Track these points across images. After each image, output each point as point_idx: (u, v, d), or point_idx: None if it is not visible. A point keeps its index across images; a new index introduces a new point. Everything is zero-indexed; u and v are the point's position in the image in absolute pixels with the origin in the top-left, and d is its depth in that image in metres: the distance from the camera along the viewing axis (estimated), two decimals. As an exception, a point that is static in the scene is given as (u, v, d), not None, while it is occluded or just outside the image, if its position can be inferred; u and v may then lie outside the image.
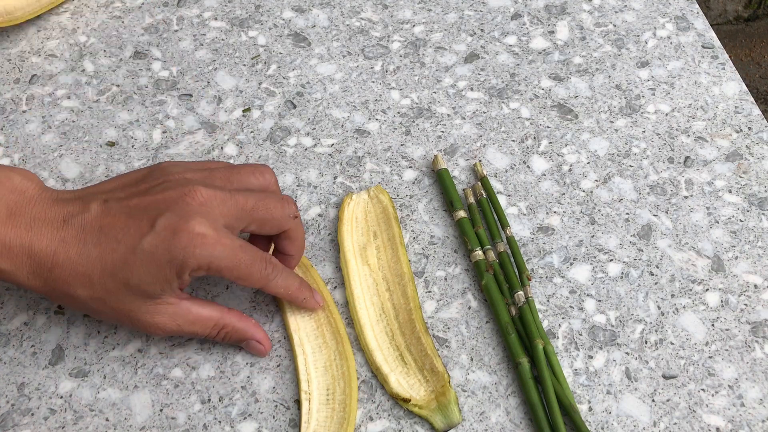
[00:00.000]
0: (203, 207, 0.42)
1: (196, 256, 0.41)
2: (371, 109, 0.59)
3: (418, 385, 0.46)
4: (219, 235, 0.42)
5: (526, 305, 0.47)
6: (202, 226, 0.42)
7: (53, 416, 0.46)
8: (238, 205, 0.44)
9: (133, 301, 0.43)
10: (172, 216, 0.42)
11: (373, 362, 0.46)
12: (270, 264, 0.45)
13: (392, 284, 0.50)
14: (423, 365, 0.46)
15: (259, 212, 0.44)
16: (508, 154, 0.56)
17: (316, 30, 0.64)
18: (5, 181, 0.44)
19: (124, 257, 0.42)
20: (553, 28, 0.64)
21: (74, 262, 0.42)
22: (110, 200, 0.44)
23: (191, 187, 0.43)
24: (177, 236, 0.41)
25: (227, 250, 0.42)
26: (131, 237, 0.42)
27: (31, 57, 0.62)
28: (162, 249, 0.41)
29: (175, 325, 0.44)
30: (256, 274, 0.44)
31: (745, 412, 0.45)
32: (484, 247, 0.50)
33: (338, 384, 0.46)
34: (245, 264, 0.43)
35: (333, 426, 0.44)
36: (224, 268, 0.42)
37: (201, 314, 0.45)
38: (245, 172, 0.46)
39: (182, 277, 0.42)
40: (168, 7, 0.66)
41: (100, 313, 0.44)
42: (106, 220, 0.43)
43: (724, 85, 0.60)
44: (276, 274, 0.45)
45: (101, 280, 0.42)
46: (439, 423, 0.44)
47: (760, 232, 0.52)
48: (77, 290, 0.43)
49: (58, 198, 0.45)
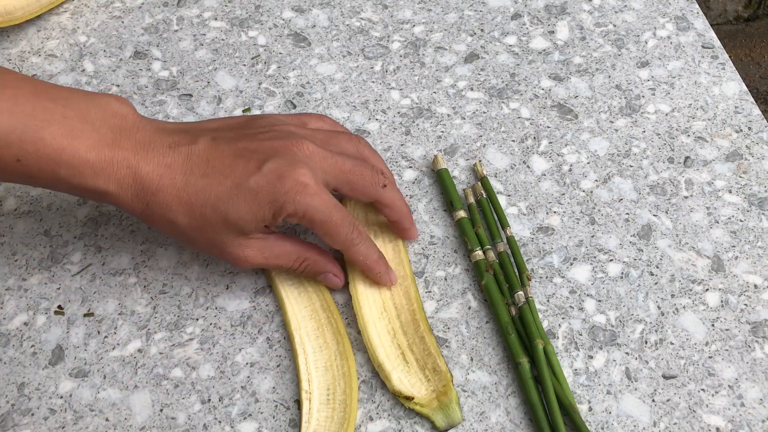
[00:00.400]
0: (309, 159, 0.45)
1: (297, 202, 0.44)
2: (371, 109, 0.59)
3: (419, 384, 0.46)
4: (319, 189, 0.45)
5: (526, 305, 0.47)
6: (305, 176, 0.44)
7: (53, 416, 0.46)
8: (337, 164, 0.46)
9: (227, 235, 0.45)
10: (279, 161, 0.44)
11: (375, 359, 0.46)
12: (357, 229, 0.47)
13: (396, 284, 0.50)
14: (425, 364, 0.46)
15: (354, 175, 0.47)
16: (508, 154, 0.56)
17: (316, 30, 0.64)
18: (105, 105, 0.45)
19: (229, 192, 0.44)
20: (553, 28, 0.64)
21: (179, 188, 0.44)
22: (218, 138, 0.46)
23: (299, 140, 0.46)
24: (282, 180, 0.43)
25: (324, 204, 0.45)
26: (238, 174, 0.44)
27: (31, 57, 0.62)
28: (266, 190, 0.43)
29: (262, 258, 0.46)
30: (342, 234, 0.46)
31: (745, 412, 0.45)
32: (484, 247, 0.50)
33: (339, 384, 0.46)
34: (336, 222, 0.45)
35: (333, 426, 0.44)
36: (317, 220, 0.45)
37: (285, 248, 0.47)
38: (343, 138, 0.49)
39: (276, 219, 0.44)
40: (168, 7, 0.66)
41: (195, 242, 0.46)
42: (214, 154, 0.45)
43: (724, 85, 0.60)
44: (360, 241, 0.47)
45: (202, 210, 0.44)
46: (440, 422, 0.44)
47: (760, 232, 0.52)
48: (178, 217, 0.44)
49: (160, 127, 0.46)
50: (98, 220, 0.53)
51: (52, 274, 0.51)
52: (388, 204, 0.49)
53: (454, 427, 0.45)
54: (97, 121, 0.44)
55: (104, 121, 0.44)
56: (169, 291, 0.50)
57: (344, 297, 0.50)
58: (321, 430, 0.44)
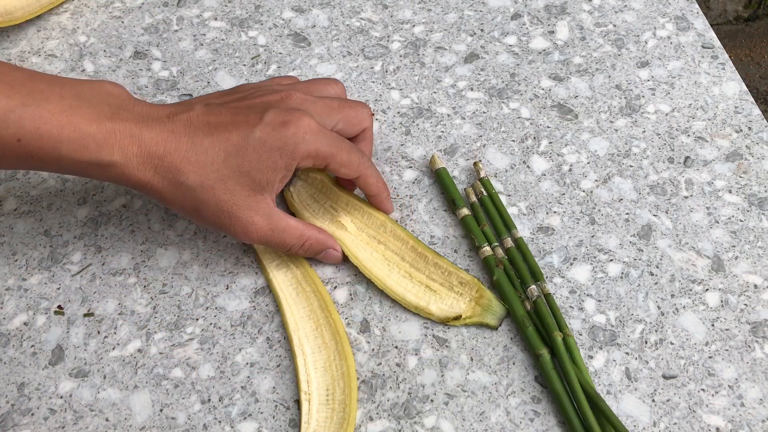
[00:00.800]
0: (302, 105, 0.47)
1: (307, 141, 0.45)
2: (371, 109, 0.59)
3: (457, 302, 0.49)
4: (320, 126, 0.46)
5: (541, 299, 0.48)
6: (306, 118, 0.45)
7: (53, 416, 0.46)
8: (326, 104, 0.48)
9: (238, 192, 0.45)
10: (278, 110, 0.46)
11: (409, 304, 0.49)
12: (363, 155, 0.49)
13: (380, 236, 0.51)
14: (451, 284, 0.49)
15: (344, 109, 0.49)
16: (508, 154, 0.56)
17: (316, 30, 0.64)
18: (99, 87, 0.46)
19: (237, 144, 0.44)
20: (553, 28, 0.64)
21: (186, 149, 0.44)
22: (211, 104, 0.47)
23: (287, 91, 0.47)
24: (286, 126, 0.45)
25: (330, 138, 0.46)
26: (242, 128, 0.45)
27: (31, 57, 0.62)
28: (273, 137, 0.44)
29: (268, 228, 0.47)
30: (355, 160, 0.48)
31: (745, 412, 0.45)
32: (492, 244, 0.51)
33: (338, 384, 0.46)
34: (346, 151, 0.47)
35: (333, 426, 0.44)
36: (329, 154, 0.46)
37: (289, 223, 0.48)
38: (320, 83, 0.52)
39: (290, 167, 0.45)
40: (168, 7, 0.66)
41: (204, 205, 0.45)
42: (212, 117, 0.46)
43: (724, 85, 0.60)
44: (369, 164, 0.49)
45: (214, 166, 0.44)
46: (492, 321, 0.48)
47: (760, 232, 0.52)
48: (189, 177, 0.44)
49: (154, 104, 0.48)
50: (98, 220, 0.53)
51: (52, 274, 0.51)
52: (368, 136, 0.52)
53: (505, 318, 0.48)
54: (93, 99, 0.45)
55: (100, 99, 0.45)
56: (169, 291, 0.50)
57: (345, 296, 0.50)
58: (321, 430, 0.44)
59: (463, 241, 0.52)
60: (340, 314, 0.49)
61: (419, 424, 0.45)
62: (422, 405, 0.46)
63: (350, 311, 0.49)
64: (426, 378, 0.47)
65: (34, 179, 0.55)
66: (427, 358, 0.47)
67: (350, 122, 0.50)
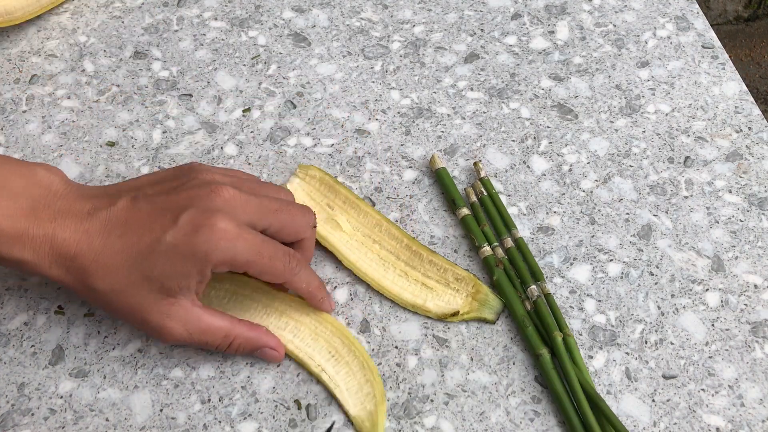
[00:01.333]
0: (227, 204, 0.43)
1: (220, 249, 0.42)
2: (371, 109, 0.59)
3: (454, 298, 0.49)
4: (241, 231, 0.43)
5: (541, 299, 0.48)
6: (224, 221, 0.42)
7: (53, 416, 0.46)
8: (261, 204, 0.45)
9: (148, 297, 0.43)
10: (195, 211, 0.43)
11: (407, 303, 0.49)
12: (293, 257, 0.45)
13: (375, 235, 0.51)
14: (447, 280, 0.49)
15: (281, 214, 0.45)
16: (508, 154, 0.56)
17: (316, 30, 0.64)
18: (29, 175, 0.45)
19: (148, 248, 0.42)
20: (553, 28, 0.64)
21: (97, 253, 0.43)
22: (138, 197, 0.45)
23: (217, 186, 0.44)
24: (199, 231, 0.42)
25: (249, 244, 0.43)
26: (155, 231, 0.43)
27: (31, 57, 0.62)
28: (184, 243, 0.42)
29: (185, 332, 0.44)
30: (280, 266, 0.44)
31: (745, 412, 0.45)
32: (492, 244, 0.51)
33: (333, 342, 0.47)
34: (268, 256, 0.44)
35: (358, 373, 0.46)
36: (247, 261, 0.43)
37: (212, 323, 0.45)
38: (270, 187, 0.48)
39: (204, 273, 0.43)
40: (168, 7, 0.66)
41: (117, 308, 0.44)
42: (132, 214, 0.44)
43: (724, 85, 0.60)
44: (300, 269, 0.46)
45: (123, 270, 0.43)
46: (489, 315, 0.48)
47: (760, 232, 0.52)
48: (98, 281, 0.43)
49: (84, 193, 0.45)
50: (98, 220, 0.53)
51: (52, 274, 0.51)
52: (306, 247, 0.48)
53: (502, 312, 0.48)
54: (17, 190, 0.44)
55: (25, 190, 0.44)
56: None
57: (344, 297, 0.50)
58: (352, 385, 0.45)
59: (463, 241, 0.52)
60: (340, 315, 0.49)
61: (419, 424, 0.45)
62: (422, 405, 0.46)
63: (350, 311, 0.49)
64: (426, 378, 0.47)
65: (34, 179, 0.55)
66: (427, 358, 0.47)
67: (285, 229, 0.46)
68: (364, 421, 0.45)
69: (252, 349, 0.46)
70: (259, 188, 0.47)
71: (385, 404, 0.45)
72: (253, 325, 0.46)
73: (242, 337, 0.46)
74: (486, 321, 0.48)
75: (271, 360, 0.47)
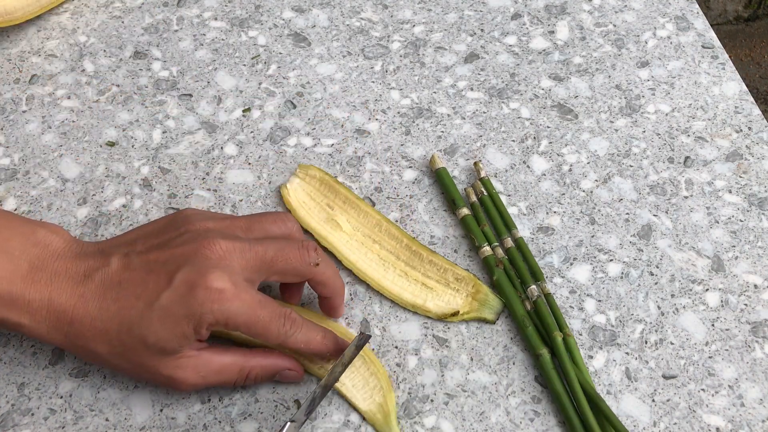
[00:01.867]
0: (222, 260, 0.42)
1: (214, 311, 0.41)
2: (371, 109, 0.59)
3: (454, 298, 0.49)
4: (238, 290, 0.41)
5: (542, 299, 0.48)
6: (220, 280, 0.41)
7: (53, 416, 0.46)
8: (257, 256, 0.43)
9: (151, 358, 0.42)
10: (189, 270, 0.41)
11: (407, 303, 0.49)
12: (289, 320, 0.43)
13: (375, 235, 0.51)
14: (447, 280, 0.49)
15: (278, 263, 0.43)
16: (508, 154, 0.56)
17: (316, 30, 0.64)
18: (29, 234, 0.44)
19: (141, 313, 0.41)
20: (553, 28, 0.64)
21: (93, 318, 0.42)
22: (131, 254, 0.43)
23: (210, 240, 0.42)
24: (194, 291, 0.40)
25: (245, 305, 0.41)
26: (149, 293, 0.41)
27: (31, 57, 0.62)
28: (179, 304, 0.41)
29: (199, 377, 0.43)
30: (274, 331, 0.43)
31: (745, 412, 0.45)
32: (492, 244, 0.51)
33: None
34: (264, 321, 0.42)
35: (361, 368, 0.46)
36: (242, 324, 0.42)
37: (224, 362, 0.44)
38: (267, 220, 0.46)
39: (200, 332, 0.41)
40: (168, 7, 0.66)
41: (123, 369, 0.44)
42: (125, 275, 0.43)
43: (724, 85, 0.60)
44: (294, 330, 0.43)
45: (119, 336, 0.42)
46: (489, 315, 0.48)
47: (760, 232, 0.52)
48: (97, 346, 0.42)
49: (81, 252, 0.44)
50: (98, 220, 0.53)
51: (52, 274, 0.51)
52: (321, 281, 0.46)
53: (502, 312, 0.48)
54: (16, 251, 0.43)
55: (23, 251, 0.43)
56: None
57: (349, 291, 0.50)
58: (357, 381, 0.46)
59: (463, 241, 0.52)
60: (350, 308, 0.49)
61: (419, 424, 0.45)
62: (422, 405, 0.46)
63: (350, 311, 0.49)
64: (426, 378, 0.47)
65: (34, 179, 0.55)
66: (427, 358, 0.47)
67: (285, 276, 0.44)
68: (375, 414, 0.45)
69: (270, 376, 0.46)
70: (256, 227, 0.45)
71: (393, 393, 0.45)
72: (267, 351, 0.45)
73: (258, 366, 0.45)
74: (486, 321, 0.48)
75: (293, 380, 0.46)
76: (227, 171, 0.56)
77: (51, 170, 0.56)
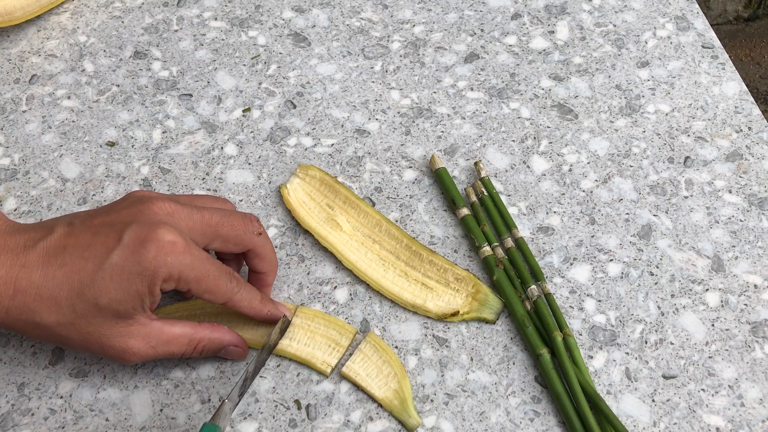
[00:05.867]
0: (170, 217, 0.42)
1: (168, 264, 0.40)
2: (371, 109, 0.59)
3: (453, 298, 0.49)
4: (188, 244, 0.41)
5: (542, 299, 0.48)
6: (170, 234, 0.41)
7: (53, 416, 0.46)
8: (204, 219, 0.43)
9: (103, 324, 0.41)
10: (138, 227, 0.41)
11: (407, 303, 0.49)
12: (234, 278, 0.44)
13: (375, 235, 0.51)
14: (447, 281, 0.49)
15: (223, 228, 0.44)
16: (508, 154, 0.56)
17: (316, 30, 0.64)
18: None
19: (93, 274, 0.40)
20: (553, 28, 0.64)
21: (38, 286, 0.40)
22: (74, 222, 0.43)
23: (157, 200, 0.43)
24: (146, 245, 0.40)
25: (196, 260, 0.41)
26: (99, 252, 0.40)
27: (31, 57, 0.62)
28: (131, 261, 0.40)
29: (149, 347, 0.43)
30: (222, 286, 0.43)
31: (745, 412, 0.45)
32: (492, 244, 0.51)
33: (330, 334, 0.47)
34: (213, 275, 0.42)
35: (374, 356, 0.46)
36: (193, 278, 0.41)
37: (174, 332, 0.44)
38: (208, 198, 0.48)
39: (153, 291, 0.41)
40: (168, 7, 0.66)
41: (69, 340, 0.42)
42: (71, 240, 0.41)
43: (724, 85, 0.60)
44: (240, 288, 0.44)
45: (69, 302, 0.40)
46: (490, 316, 0.48)
47: (760, 232, 0.52)
48: (43, 316, 0.41)
49: (19, 228, 0.43)
50: (98, 220, 0.53)
51: (52, 274, 0.51)
52: (261, 253, 0.46)
53: (502, 312, 0.48)
54: None
55: None
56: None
57: (344, 297, 0.50)
58: (371, 370, 0.46)
59: (463, 241, 0.52)
60: (340, 315, 0.49)
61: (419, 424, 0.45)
62: (422, 405, 0.46)
63: (350, 311, 0.49)
64: (426, 378, 0.47)
65: (34, 179, 0.55)
66: (427, 358, 0.47)
67: (228, 242, 0.44)
68: (392, 401, 0.45)
69: (217, 350, 0.46)
70: (199, 200, 0.46)
71: (407, 379, 0.46)
72: (215, 325, 0.46)
73: (206, 339, 0.45)
74: (486, 321, 0.48)
75: (236, 358, 0.46)
76: (227, 171, 0.56)
77: (51, 170, 0.56)
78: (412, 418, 0.45)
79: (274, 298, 0.50)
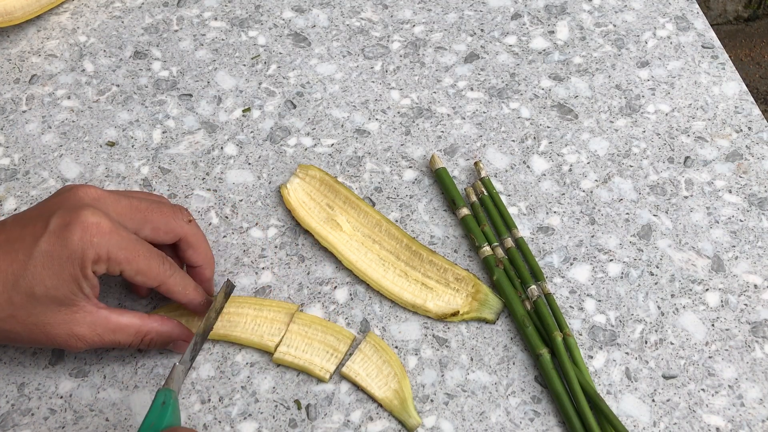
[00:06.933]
0: (96, 202, 0.42)
1: (94, 244, 0.40)
2: (371, 109, 0.59)
3: (454, 297, 0.49)
4: (114, 226, 0.41)
5: (542, 299, 0.48)
6: (94, 216, 0.41)
7: (53, 416, 0.46)
8: (132, 204, 0.44)
9: (45, 312, 0.41)
10: (63, 212, 0.41)
11: (407, 303, 0.49)
12: (167, 261, 0.44)
13: (375, 235, 0.51)
14: (447, 281, 0.49)
15: (152, 213, 0.44)
16: (508, 154, 0.56)
17: (316, 30, 0.64)
18: None
19: (24, 264, 0.40)
20: (553, 28, 0.64)
21: None
22: (7, 220, 0.43)
23: (83, 187, 0.43)
24: (70, 228, 0.40)
25: (124, 240, 0.41)
26: (27, 243, 0.40)
27: (31, 57, 0.62)
28: (59, 246, 0.40)
29: (95, 335, 0.43)
30: (155, 268, 0.43)
31: (745, 412, 0.45)
32: (492, 244, 0.51)
33: (328, 339, 0.47)
34: (144, 255, 0.42)
35: (374, 356, 0.46)
36: (123, 259, 0.41)
37: (121, 322, 0.43)
38: (142, 193, 0.48)
39: (86, 273, 0.41)
40: (168, 7, 0.66)
41: (15, 334, 0.42)
42: (2, 236, 0.42)
43: (724, 85, 0.60)
44: (173, 272, 0.44)
45: (6, 296, 0.40)
46: (490, 315, 0.48)
47: (760, 232, 0.52)
48: None
49: None
50: (98, 220, 0.53)
51: (52, 274, 0.51)
52: (195, 243, 0.46)
53: (502, 312, 0.48)
54: None
55: None
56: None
57: (344, 297, 0.50)
58: (371, 370, 0.46)
59: (463, 241, 0.52)
60: (340, 315, 0.49)
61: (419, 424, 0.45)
62: (422, 405, 0.46)
63: (350, 311, 0.49)
64: (426, 378, 0.47)
65: (34, 179, 0.55)
66: (427, 358, 0.47)
67: (158, 230, 0.44)
68: (392, 401, 0.45)
69: (165, 343, 0.46)
70: (131, 193, 0.46)
71: (407, 379, 0.46)
72: (165, 318, 0.45)
73: (154, 332, 0.45)
74: (486, 321, 0.48)
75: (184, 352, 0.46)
76: (227, 171, 0.56)
77: (51, 170, 0.56)
78: (412, 418, 0.45)
79: (277, 299, 0.50)
